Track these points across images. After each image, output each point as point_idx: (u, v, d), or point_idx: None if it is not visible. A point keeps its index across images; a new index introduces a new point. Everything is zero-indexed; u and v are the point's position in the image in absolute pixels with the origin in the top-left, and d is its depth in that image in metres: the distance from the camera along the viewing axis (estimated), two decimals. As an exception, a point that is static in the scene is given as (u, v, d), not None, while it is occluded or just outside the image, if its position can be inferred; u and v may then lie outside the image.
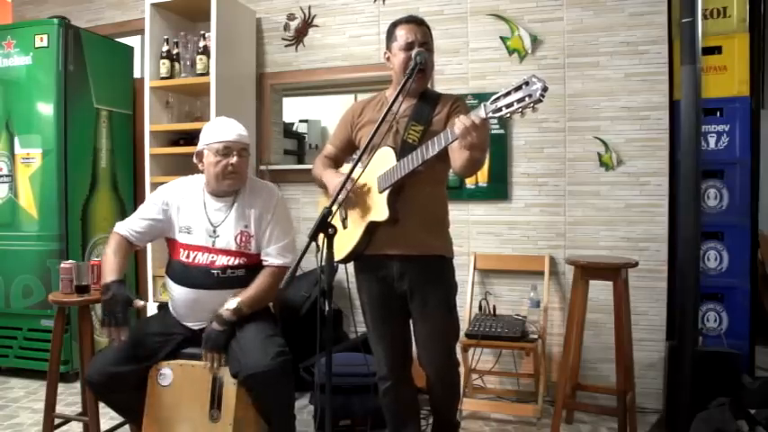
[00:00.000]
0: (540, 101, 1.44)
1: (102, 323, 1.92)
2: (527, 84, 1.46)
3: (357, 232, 1.93)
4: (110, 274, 1.99)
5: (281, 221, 2.16)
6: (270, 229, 2.12)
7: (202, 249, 2.08)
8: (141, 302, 1.99)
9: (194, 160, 2.15)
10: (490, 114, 1.53)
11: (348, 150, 2.13)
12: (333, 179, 1.96)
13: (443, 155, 1.75)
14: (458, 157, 1.75)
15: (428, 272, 1.91)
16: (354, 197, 1.90)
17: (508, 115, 1.51)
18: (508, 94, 1.49)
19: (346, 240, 1.97)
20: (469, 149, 1.61)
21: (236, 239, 2.08)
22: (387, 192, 1.84)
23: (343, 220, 2.00)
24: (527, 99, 1.45)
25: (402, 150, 1.86)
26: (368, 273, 2.00)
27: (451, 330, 2.00)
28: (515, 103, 1.47)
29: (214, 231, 2.09)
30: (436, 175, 1.94)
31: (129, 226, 2.13)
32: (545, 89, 1.43)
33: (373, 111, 2.02)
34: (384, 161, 1.87)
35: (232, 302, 1.98)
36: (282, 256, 2.11)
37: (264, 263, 2.11)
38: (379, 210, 1.85)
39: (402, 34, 1.91)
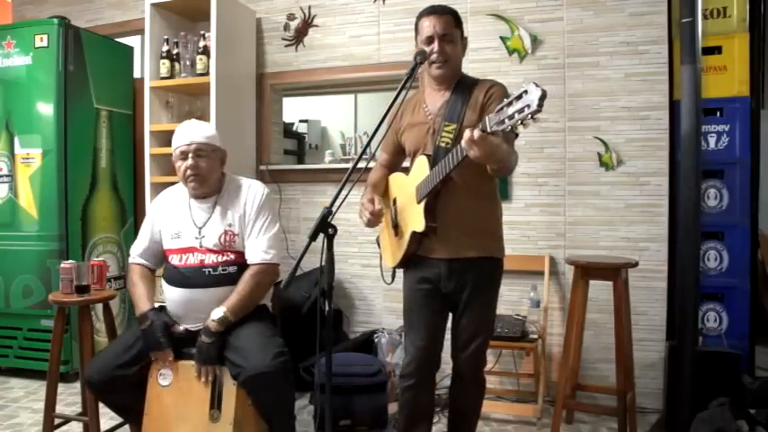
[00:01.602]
0: (538, 111, 1.38)
1: (148, 350, 1.96)
2: (526, 92, 1.40)
3: (404, 242, 1.97)
4: (143, 303, 2.04)
5: (263, 217, 2.14)
6: (251, 226, 2.12)
7: (192, 250, 2.09)
8: (181, 328, 2.01)
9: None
10: (494, 128, 1.49)
11: (400, 154, 2.11)
12: (362, 200, 2.00)
13: None
14: None
15: (473, 273, 1.90)
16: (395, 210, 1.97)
17: (509, 128, 1.46)
18: (510, 104, 1.45)
19: (398, 248, 2.01)
20: (479, 161, 1.59)
21: (220, 239, 2.09)
22: (423, 202, 1.85)
23: (395, 228, 2.03)
24: (526, 110, 1.40)
25: (436, 156, 1.85)
26: (416, 270, 1.99)
27: (487, 330, 2.00)
28: (516, 114, 1.43)
29: (199, 232, 2.11)
30: (475, 175, 1.82)
31: (139, 252, 2.21)
32: (543, 98, 1.37)
33: (411, 113, 2.00)
34: (420, 170, 1.88)
35: (217, 312, 1.97)
36: (264, 252, 2.08)
37: (247, 261, 2.10)
38: (419, 220, 1.87)
39: (423, 27, 1.88)
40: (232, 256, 2.10)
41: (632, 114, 2.90)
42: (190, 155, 2.08)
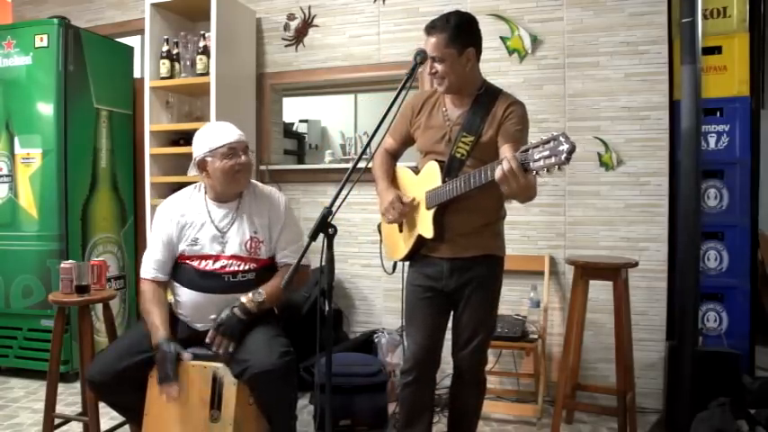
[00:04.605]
0: (565, 163, 1.40)
1: (159, 380, 1.95)
2: (555, 140, 1.42)
3: (409, 241, 2.00)
4: (158, 332, 1.98)
5: (294, 225, 2.21)
6: (286, 233, 2.15)
7: (212, 258, 2.07)
8: (188, 356, 1.98)
9: (194, 172, 2.12)
10: (522, 163, 1.50)
11: (407, 144, 2.12)
12: (386, 195, 1.99)
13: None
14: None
15: (475, 271, 1.93)
16: (403, 207, 1.96)
17: (534, 172, 1.48)
18: (536, 147, 1.46)
19: (401, 245, 2.05)
20: (509, 195, 1.60)
21: (245, 245, 2.08)
22: (433, 210, 1.87)
23: (399, 224, 2.05)
24: (553, 158, 1.42)
25: (450, 165, 1.87)
26: (418, 267, 2.02)
27: (487, 328, 2.01)
28: (542, 161, 1.44)
29: (222, 237, 2.08)
30: (486, 188, 1.79)
31: (150, 265, 2.11)
32: (571, 152, 1.39)
33: (429, 113, 1.99)
34: (431, 177, 1.89)
35: (258, 295, 1.99)
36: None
37: (282, 263, 2.14)
38: (427, 227, 1.90)
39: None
40: (254, 265, 2.08)
41: (632, 114, 2.90)
42: (240, 151, 2.07)
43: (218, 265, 2.06)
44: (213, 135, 2.08)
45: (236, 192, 2.13)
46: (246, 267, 2.07)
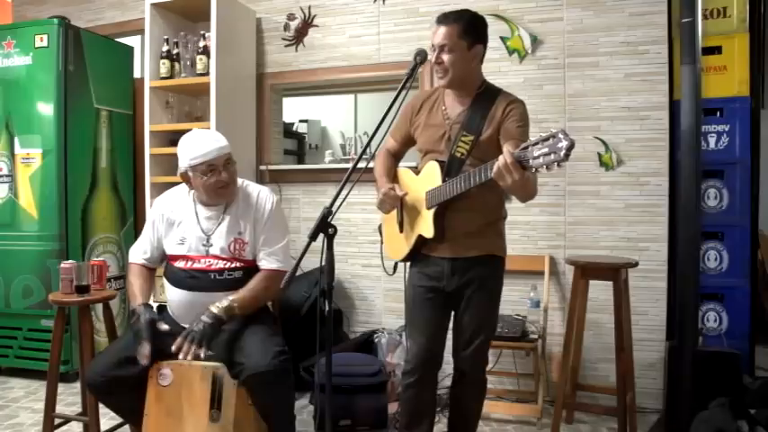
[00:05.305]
0: (564, 159, 1.40)
1: (133, 342, 1.95)
2: (554, 137, 1.42)
3: (410, 241, 2.00)
4: (135, 298, 2.06)
5: (276, 225, 2.15)
6: (265, 234, 2.11)
7: (197, 258, 2.08)
8: (166, 327, 1.98)
9: (181, 178, 2.12)
10: (521, 160, 1.50)
11: (409, 144, 2.11)
12: (381, 187, 1.99)
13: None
14: None
15: (476, 271, 1.93)
16: (402, 203, 1.97)
17: (533, 169, 1.48)
18: (535, 145, 1.46)
19: (402, 245, 2.05)
20: (507, 191, 1.61)
21: (229, 247, 2.08)
22: (433, 210, 1.87)
23: (400, 224, 2.06)
24: (552, 155, 1.42)
25: (450, 164, 1.87)
26: (419, 267, 2.02)
27: (488, 329, 2.01)
28: (541, 158, 1.44)
29: (207, 240, 2.08)
30: (486, 187, 1.79)
31: (139, 251, 2.20)
32: (570, 148, 1.38)
33: (428, 112, 2.00)
34: (431, 176, 1.90)
35: (224, 300, 1.98)
36: (277, 261, 2.10)
37: (259, 266, 2.11)
38: (427, 227, 1.91)
39: (432, 34, 1.89)
40: (239, 264, 2.09)
41: (632, 114, 2.90)
42: (220, 167, 2.03)
43: (204, 263, 2.07)
44: (193, 149, 2.03)
45: (221, 202, 2.12)
46: (232, 266, 2.07)
